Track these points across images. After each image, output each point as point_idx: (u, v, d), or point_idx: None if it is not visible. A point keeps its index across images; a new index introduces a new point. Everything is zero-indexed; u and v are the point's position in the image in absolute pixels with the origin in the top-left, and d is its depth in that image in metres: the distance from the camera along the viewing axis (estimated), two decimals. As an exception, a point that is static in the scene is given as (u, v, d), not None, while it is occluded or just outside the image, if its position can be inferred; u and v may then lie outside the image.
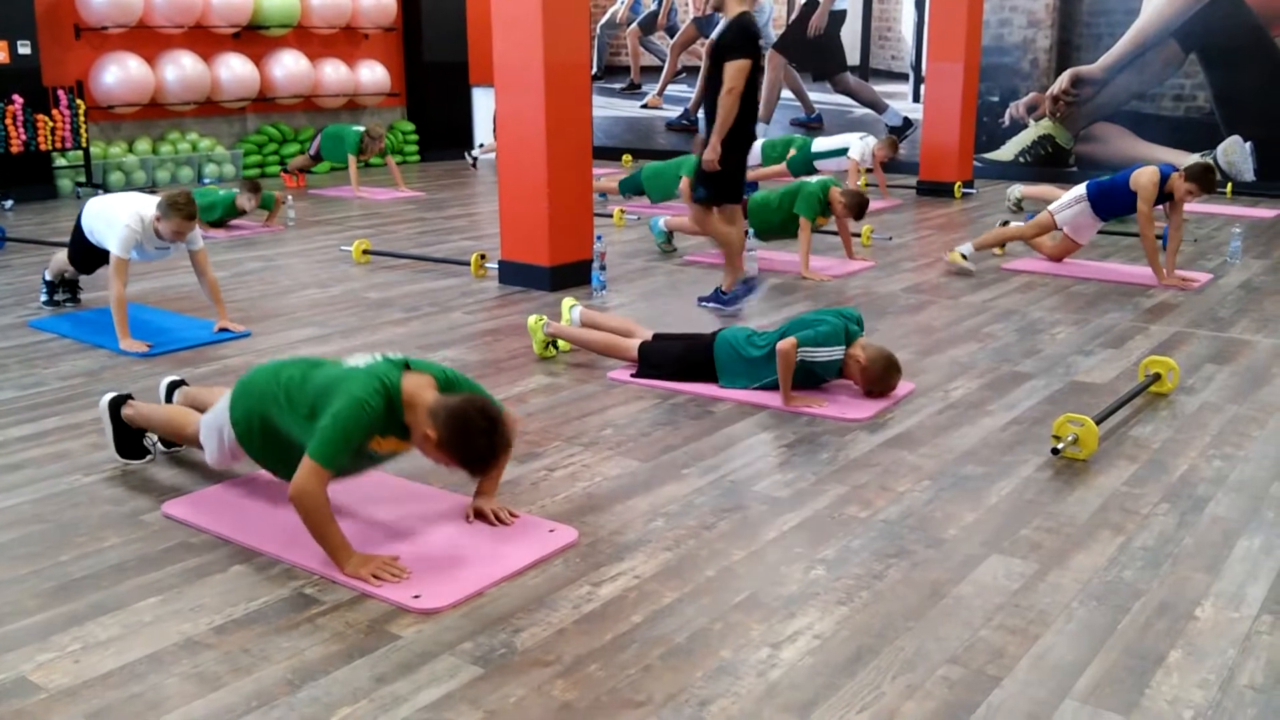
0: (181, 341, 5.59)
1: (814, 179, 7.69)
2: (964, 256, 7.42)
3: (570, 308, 5.52)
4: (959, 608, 2.98)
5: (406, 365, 3.24)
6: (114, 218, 5.56)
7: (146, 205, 5.56)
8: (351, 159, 11.39)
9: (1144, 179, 6.95)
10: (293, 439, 3.28)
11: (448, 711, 2.50)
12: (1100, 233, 8.95)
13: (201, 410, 3.96)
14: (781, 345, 4.55)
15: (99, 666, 2.68)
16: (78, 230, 5.88)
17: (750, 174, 11.19)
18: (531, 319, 5.41)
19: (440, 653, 2.74)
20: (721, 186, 6.16)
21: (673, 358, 4.94)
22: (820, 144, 10.80)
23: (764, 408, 4.61)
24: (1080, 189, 7.32)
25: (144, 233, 5.51)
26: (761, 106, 14.15)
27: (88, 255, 5.91)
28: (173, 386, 4.22)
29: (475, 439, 3.05)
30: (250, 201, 8.93)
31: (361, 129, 11.54)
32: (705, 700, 2.54)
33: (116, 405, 3.96)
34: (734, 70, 5.84)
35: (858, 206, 7.36)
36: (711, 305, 6.26)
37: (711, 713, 2.49)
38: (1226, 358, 5.39)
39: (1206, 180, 6.88)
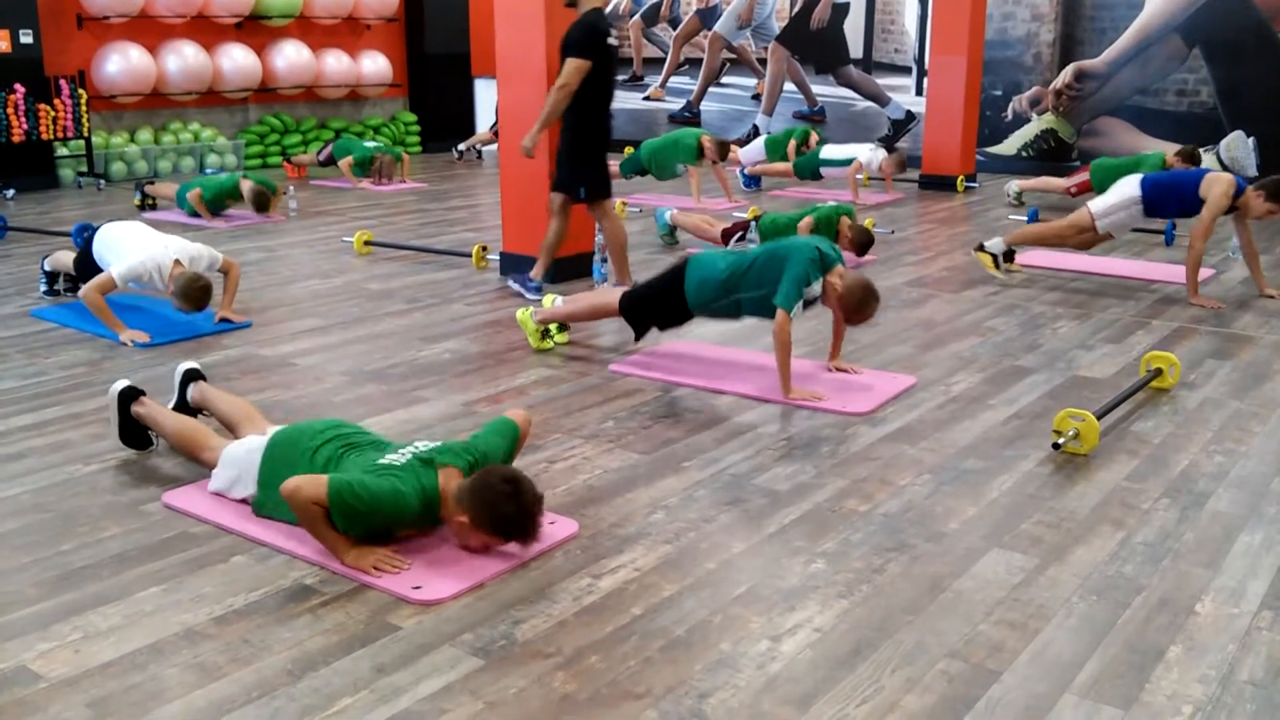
0: (182, 332, 5.59)
1: (829, 203, 7.66)
2: (995, 263, 7.02)
3: (553, 300, 5.51)
4: (959, 602, 2.98)
5: (433, 462, 3.21)
6: (131, 253, 5.47)
7: (167, 256, 5.44)
8: (345, 161, 11.24)
9: (1218, 190, 6.26)
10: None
11: (448, 702, 2.50)
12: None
13: (217, 417, 3.92)
14: (776, 327, 4.55)
15: (99, 656, 2.68)
16: (87, 249, 5.82)
17: (755, 169, 11.27)
18: (520, 312, 5.41)
19: (440, 644, 2.75)
20: (583, 179, 6.31)
21: (651, 296, 5.01)
22: (830, 151, 10.75)
23: (764, 401, 4.61)
24: (1130, 190, 6.66)
25: (155, 281, 5.45)
26: (765, 99, 14.23)
27: (90, 270, 5.80)
28: (187, 377, 4.12)
29: (501, 504, 3.05)
30: (250, 193, 8.90)
31: (375, 146, 11.44)
32: (705, 693, 2.54)
33: (127, 400, 3.93)
34: (570, 68, 5.96)
35: (862, 245, 7.33)
36: (514, 284, 6.53)
37: (711, 705, 2.50)
38: (1228, 353, 5.39)
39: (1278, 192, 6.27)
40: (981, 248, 7.09)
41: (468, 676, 2.61)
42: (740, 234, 7.54)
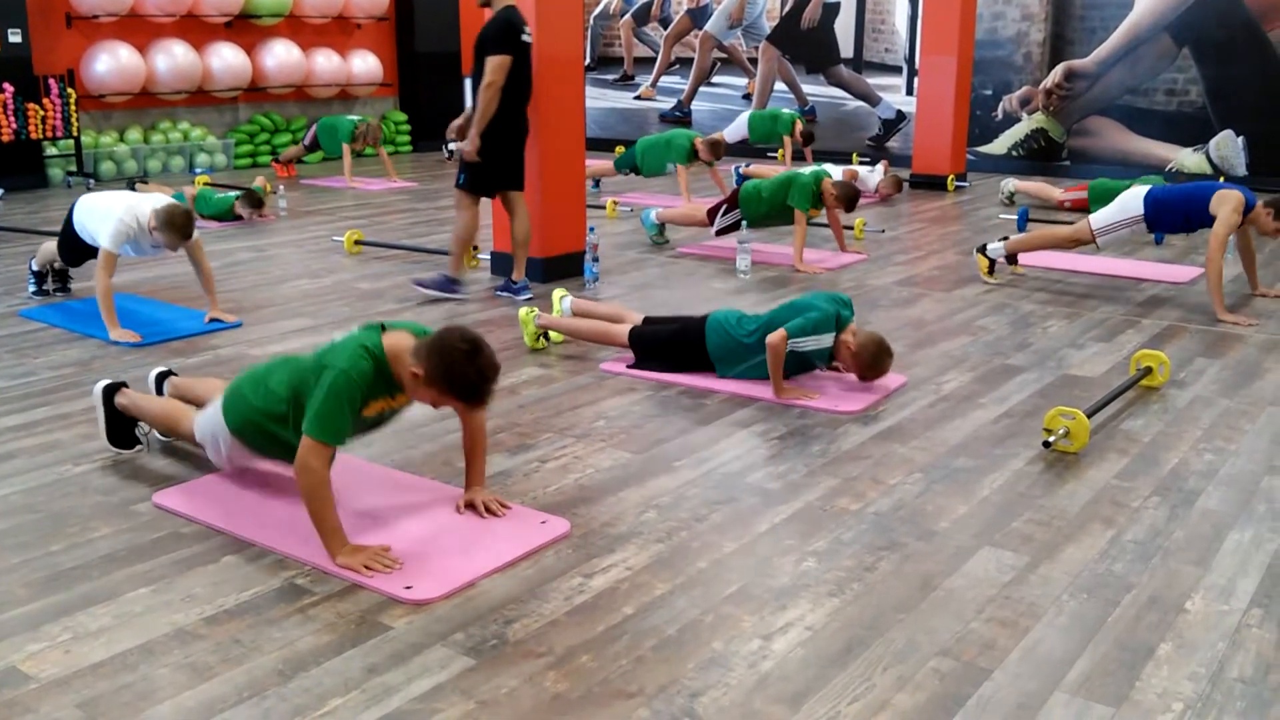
0: (173, 332, 5.58)
1: (806, 169, 7.68)
2: (991, 269, 6.94)
3: (561, 298, 5.52)
4: (950, 600, 2.98)
5: (383, 327, 3.26)
6: (108, 212, 5.54)
7: (142, 204, 5.52)
8: (346, 148, 11.35)
9: (1229, 207, 6.08)
10: (289, 439, 3.29)
11: (439, 702, 2.50)
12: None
13: (193, 403, 3.95)
14: (771, 338, 4.55)
15: (90, 656, 2.68)
16: (68, 224, 5.85)
17: (747, 170, 11.26)
18: (523, 310, 5.41)
19: (432, 643, 2.74)
20: (480, 176, 6.32)
21: (663, 342, 4.95)
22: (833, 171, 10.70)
23: (756, 400, 4.61)
24: (1133, 206, 6.47)
25: (139, 230, 5.49)
26: (755, 99, 14.23)
27: (76, 249, 5.87)
28: (161, 377, 4.22)
29: (461, 364, 3.08)
30: (248, 212, 8.92)
31: (357, 118, 11.52)
32: (696, 691, 2.54)
33: (110, 393, 3.96)
34: (493, 65, 6.02)
35: (849, 198, 7.33)
36: (503, 294, 6.52)
37: (702, 704, 2.50)
38: (1218, 352, 5.41)
39: None
40: (984, 249, 7.02)
41: (459, 676, 2.61)
42: (725, 207, 7.55)
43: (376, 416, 3.37)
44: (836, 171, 10.47)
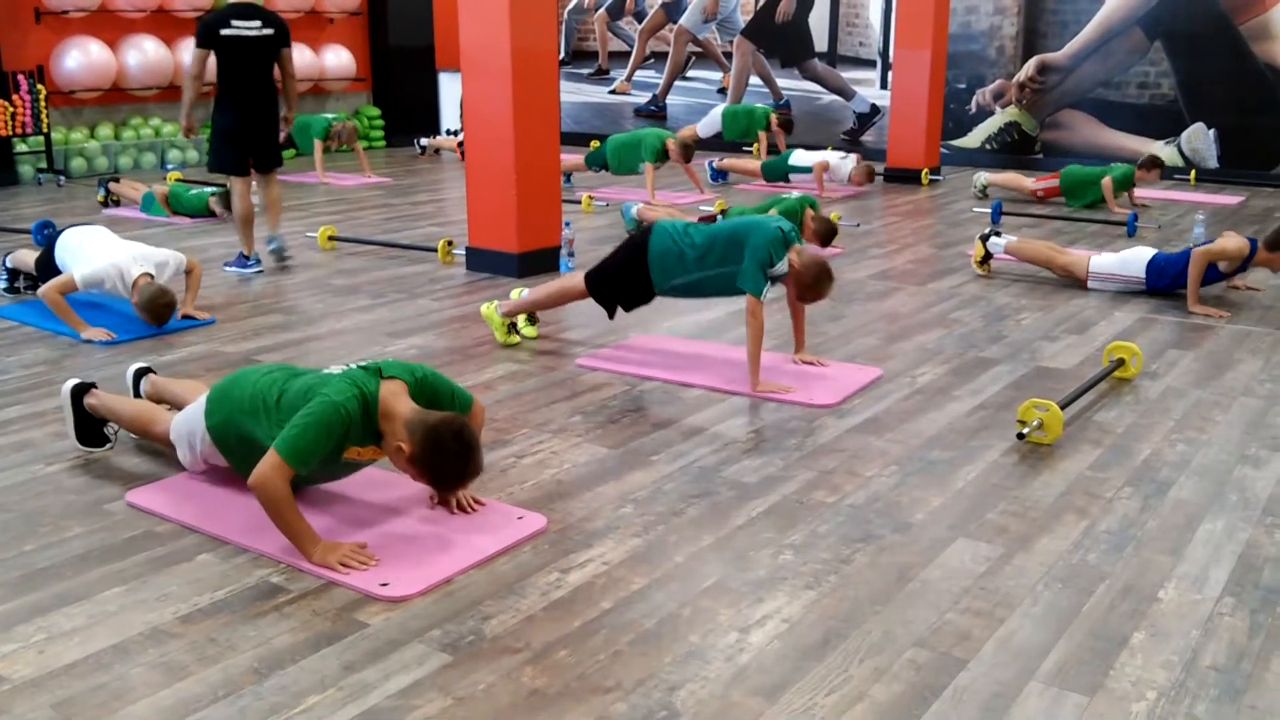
0: (145, 329, 5.53)
1: (794, 194, 7.69)
2: (984, 260, 6.92)
3: (520, 294, 5.50)
4: (926, 591, 3.00)
5: (380, 372, 3.22)
6: (92, 257, 5.43)
7: (131, 270, 5.39)
8: (317, 144, 11.31)
9: (1232, 245, 6.06)
10: (264, 444, 3.27)
11: (417, 699, 2.50)
12: (1066, 219, 9.04)
13: (170, 404, 3.92)
14: (748, 311, 4.57)
15: (64, 657, 2.66)
16: (49, 252, 5.75)
17: (723, 164, 11.27)
18: (484, 307, 5.39)
19: (409, 640, 2.74)
20: (217, 156, 6.92)
21: (615, 267, 5.01)
22: (799, 157, 10.70)
23: (732, 394, 4.62)
24: (1135, 267, 6.39)
25: (121, 286, 5.41)
26: (730, 93, 14.24)
27: (52, 273, 5.69)
28: (139, 374, 4.18)
29: (448, 463, 3.06)
30: (221, 210, 8.86)
31: (331, 117, 11.47)
32: (674, 685, 2.55)
33: (79, 393, 3.92)
34: (191, 58, 6.71)
35: (826, 235, 7.38)
36: (232, 268, 7.03)
37: (680, 697, 2.50)
38: (1189, 343, 5.45)
39: None
40: (986, 238, 6.95)
41: (436, 672, 2.60)
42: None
43: (346, 464, 3.32)
44: (810, 157, 10.54)
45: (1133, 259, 6.46)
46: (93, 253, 5.48)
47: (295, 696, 2.50)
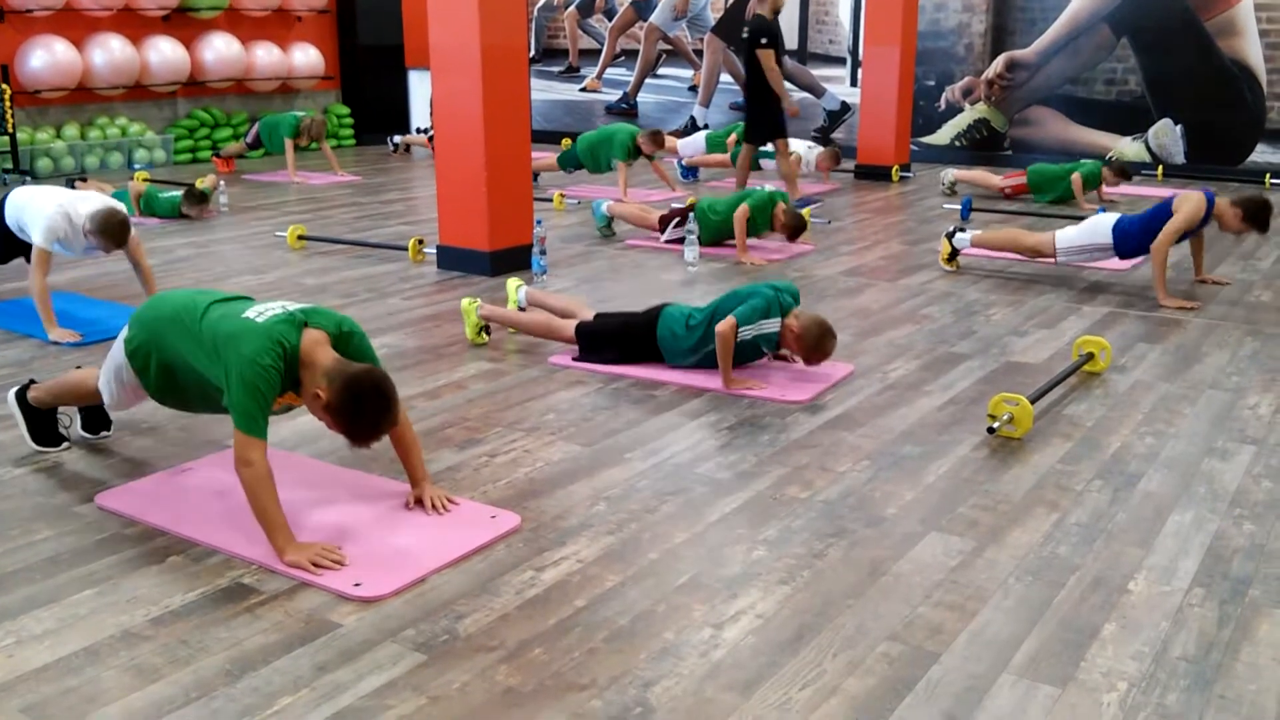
0: (113, 330, 5.45)
1: (766, 187, 7.70)
2: (952, 256, 6.97)
3: (517, 288, 5.50)
4: (898, 585, 3.01)
5: (306, 323, 3.22)
6: (40, 208, 5.44)
7: (77, 204, 5.42)
8: (289, 143, 11.25)
9: (1188, 206, 6.08)
10: (190, 366, 3.30)
11: (391, 699, 2.49)
12: (1035, 215, 9.10)
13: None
14: (720, 327, 4.57)
15: (33, 660, 2.63)
16: (0, 222, 5.74)
17: (692, 160, 11.28)
18: (465, 301, 5.38)
19: (382, 640, 2.73)
20: None
21: (611, 335, 4.95)
22: (768, 145, 10.74)
23: (705, 391, 4.63)
24: (1100, 233, 6.40)
25: (72, 231, 5.39)
26: (701, 91, 14.25)
27: (6, 244, 5.76)
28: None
29: (365, 414, 3.05)
30: (195, 210, 8.81)
31: (300, 114, 11.41)
32: (649, 681, 2.55)
33: (21, 394, 3.93)
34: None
35: (795, 229, 7.40)
36: None
37: (655, 693, 2.50)
38: (1158, 337, 5.49)
39: (1259, 218, 6.13)
40: (952, 235, 6.99)
41: (410, 672, 2.59)
42: (678, 220, 7.55)
43: (281, 409, 3.34)
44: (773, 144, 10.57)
45: (1099, 226, 6.46)
46: (39, 203, 5.51)
47: (268, 698, 2.49)
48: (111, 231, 5.35)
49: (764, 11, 8.99)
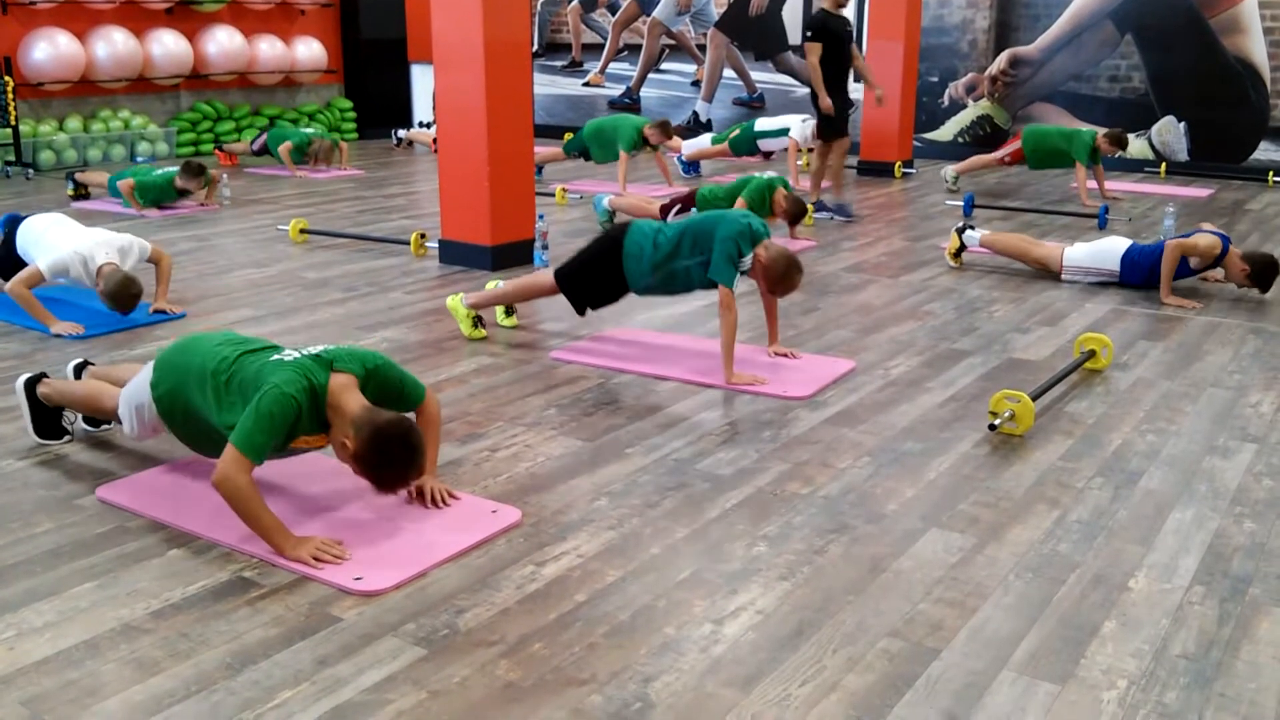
0: (115, 323, 5.49)
1: (765, 174, 7.71)
2: (958, 252, 6.95)
3: (494, 285, 5.49)
4: (899, 582, 3.01)
5: (332, 365, 3.21)
6: (54, 245, 5.36)
7: (96, 254, 5.31)
8: (285, 148, 11.11)
9: (1205, 241, 6.06)
10: (213, 423, 3.27)
11: (391, 693, 2.49)
12: (1038, 212, 9.09)
13: (116, 382, 3.91)
14: (722, 303, 4.59)
15: (34, 653, 2.64)
16: (8, 242, 5.69)
17: (692, 154, 11.28)
18: (450, 300, 5.38)
19: (383, 634, 2.73)
20: None
21: (584, 262, 5.01)
22: (763, 123, 10.81)
23: (706, 386, 4.63)
24: (1109, 260, 6.43)
25: (85, 277, 5.33)
26: (704, 86, 14.24)
27: (12, 266, 5.62)
28: (78, 369, 4.19)
29: (390, 467, 3.07)
30: (191, 183, 8.76)
31: (311, 132, 11.32)
32: (649, 677, 2.55)
33: (31, 385, 3.92)
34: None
35: (795, 215, 7.42)
36: None
37: (655, 689, 2.50)
38: (1160, 335, 5.49)
39: (1265, 277, 6.05)
40: (962, 230, 6.97)
41: (411, 666, 2.60)
42: (679, 207, 7.56)
43: (295, 450, 3.33)
44: (773, 123, 10.61)
45: (1107, 251, 6.49)
46: (55, 240, 5.42)
47: (268, 691, 2.49)
48: (121, 302, 5.24)
49: (826, 4, 8.84)
